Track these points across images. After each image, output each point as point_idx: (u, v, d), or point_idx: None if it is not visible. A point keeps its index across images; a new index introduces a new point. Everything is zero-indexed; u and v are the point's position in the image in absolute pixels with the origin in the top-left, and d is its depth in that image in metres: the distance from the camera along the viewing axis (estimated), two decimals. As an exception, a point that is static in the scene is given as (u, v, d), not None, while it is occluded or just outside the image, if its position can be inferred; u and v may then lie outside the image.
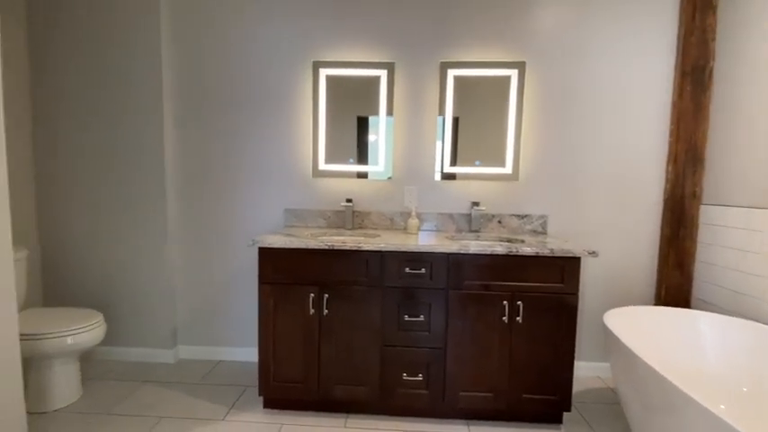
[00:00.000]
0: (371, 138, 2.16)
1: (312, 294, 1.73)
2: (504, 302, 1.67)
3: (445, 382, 1.72)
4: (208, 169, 2.26)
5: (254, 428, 1.71)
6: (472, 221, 2.13)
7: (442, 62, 2.09)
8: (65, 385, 1.85)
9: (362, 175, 2.18)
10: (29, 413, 1.55)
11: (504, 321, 1.68)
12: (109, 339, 2.21)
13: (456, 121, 2.12)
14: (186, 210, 2.29)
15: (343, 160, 2.17)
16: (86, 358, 2.29)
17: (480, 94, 2.10)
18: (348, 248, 1.69)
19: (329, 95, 2.14)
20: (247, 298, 2.30)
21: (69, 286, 2.31)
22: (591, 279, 2.19)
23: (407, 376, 1.73)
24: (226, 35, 2.18)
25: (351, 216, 2.15)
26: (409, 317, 1.72)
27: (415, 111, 2.16)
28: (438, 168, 2.16)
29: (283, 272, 1.73)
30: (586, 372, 2.22)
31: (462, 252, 1.67)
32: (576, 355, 2.02)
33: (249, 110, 2.21)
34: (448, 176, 2.15)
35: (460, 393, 1.72)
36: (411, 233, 2.03)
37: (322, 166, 2.18)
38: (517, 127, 2.08)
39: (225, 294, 2.32)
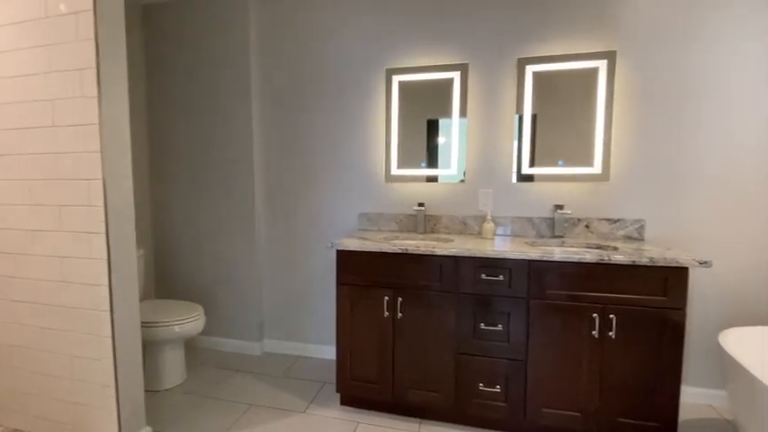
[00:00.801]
0: (441, 140, 2.13)
1: (386, 297, 1.75)
2: (594, 315, 1.53)
3: (526, 396, 1.63)
4: (290, 176, 2.42)
5: (332, 424, 1.78)
6: (555, 226, 1.98)
7: (519, 59, 1.99)
8: (173, 368, 2.11)
9: (432, 179, 2.16)
10: (145, 391, 1.79)
11: (593, 336, 1.54)
12: (207, 330, 2.48)
13: (534, 119, 2.00)
14: (272, 215, 2.48)
15: (415, 164, 2.17)
16: (189, 345, 2.59)
17: (562, 90, 1.95)
18: (421, 253, 1.69)
19: (401, 101, 2.17)
20: (326, 298, 2.41)
21: (175, 281, 2.64)
22: (698, 293, 1.90)
23: (484, 386, 1.67)
24: (306, 48, 2.32)
25: (423, 220, 2.14)
26: (486, 325, 1.66)
27: (490, 111, 2.08)
28: (515, 170, 2.05)
29: (359, 274, 1.79)
30: (695, 398, 1.94)
31: (545, 259, 1.56)
32: (683, 378, 1.77)
33: (326, 119, 2.32)
34: (525, 178, 2.04)
35: (543, 410, 1.61)
36: (486, 238, 1.96)
37: (394, 171, 2.20)
38: (607, 123, 1.90)
39: (305, 293, 2.46)
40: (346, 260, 1.80)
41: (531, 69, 1.98)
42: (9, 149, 1.57)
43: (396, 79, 2.16)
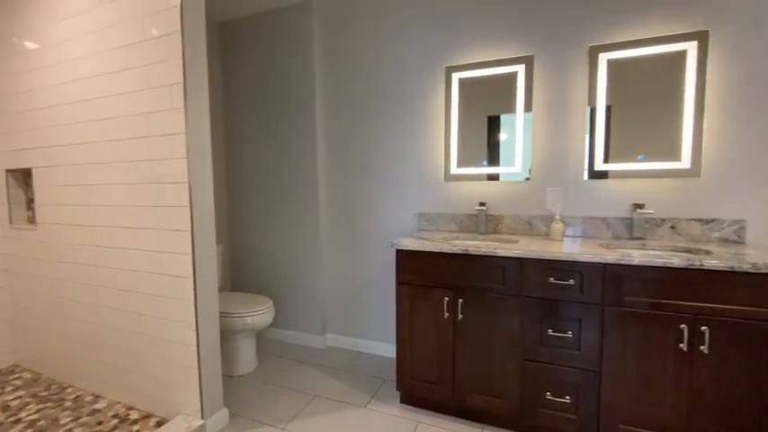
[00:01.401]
0: (503, 137, 2.05)
1: (446, 298, 1.73)
2: (683, 326, 1.37)
3: (600, 409, 1.51)
4: (351, 178, 2.49)
5: (392, 421, 1.80)
6: (634, 227, 1.82)
7: (591, 46, 1.85)
8: (245, 356, 2.28)
9: (494, 177, 2.09)
10: (222, 375, 1.96)
11: (681, 349, 1.38)
12: (275, 322, 2.65)
13: (609, 111, 1.85)
14: (334, 216, 2.58)
15: (475, 163, 2.12)
16: (259, 336, 2.78)
17: (642, 77, 1.78)
18: (483, 253, 1.64)
19: (461, 98, 2.13)
20: (385, 296, 2.45)
21: (248, 275, 2.85)
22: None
23: (552, 396, 1.58)
24: (365, 55, 2.37)
25: (484, 220, 2.08)
26: (554, 331, 1.57)
27: (558, 104, 1.96)
28: (586, 166, 1.91)
29: (419, 274, 1.79)
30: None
31: (623, 263, 1.43)
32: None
33: (385, 122, 2.36)
34: (598, 175, 1.89)
35: (620, 426, 1.48)
36: (554, 239, 1.85)
37: (454, 170, 2.17)
38: (698, 111, 1.69)
39: (365, 291, 2.52)
40: (406, 260, 1.81)
41: (605, 57, 1.83)
42: (115, 157, 1.81)
43: (456, 77, 2.12)
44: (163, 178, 1.68)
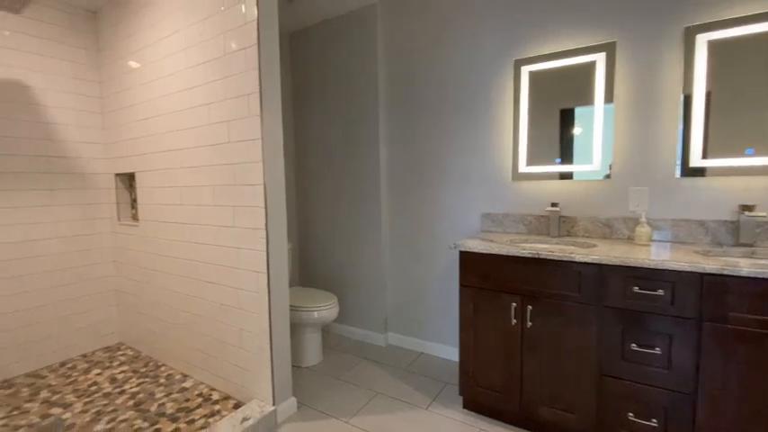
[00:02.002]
0: (578, 132, 1.90)
1: (514, 304, 1.66)
2: (806, 351, 1.16)
3: (694, 438, 1.34)
4: (414, 177, 2.49)
5: (454, 426, 1.77)
6: (741, 232, 1.58)
7: (687, 27, 1.64)
8: (312, 349, 2.40)
9: (566, 176, 1.94)
10: (291, 366, 2.07)
11: (804, 378, 1.17)
12: (339, 317, 2.74)
13: (708, 98, 1.62)
14: (396, 213, 2.60)
15: (546, 161, 1.99)
16: (325, 330, 2.90)
17: (752, 58, 1.53)
18: (556, 258, 1.54)
19: (531, 92, 2.01)
20: (448, 298, 2.42)
21: (314, 271, 2.99)
22: None
23: (635, 417, 1.44)
24: (429, 53, 2.35)
25: (557, 222, 1.95)
26: (638, 346, 1.42)
27: (644, 93, 1.77)
28: (678, 162, 1.70)
29: (484, 277, 1.73)
30: None
31: (727, 273, 1.25)
32: None
33: (449, 119, 2.31)
34: (694, 172, 1.67)
35: (720, 460, 1.30)
36: (639, 244, 1.68)
37: (523, 168, 2.06)
38: (829, 95, 1.42)
39: (428, 292, 2.50)
40: (470, 262, 1.76)
41: (704, 38, 1.61)
42: (201, 162, 2.00)
43: (525, 70, 2.02)
44: (242, 180, 1.82)
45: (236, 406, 1.93)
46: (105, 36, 2.52)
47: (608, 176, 1.86)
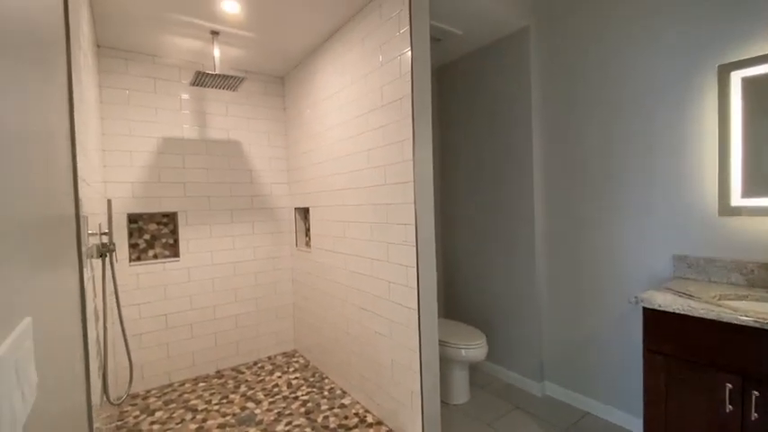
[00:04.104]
0: None
1: (729, 386, 1.26)
2: None
3: None
4: (573, 203, 2.21)
5: None
6: None
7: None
8: (459, 386, 2.34)
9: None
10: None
11: None
12: (489, 355, 2.60)
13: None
14: (554, 251, 2.34)
15: (777, 188, 1.48)
16: (473, 367, 2.81)
17: None
18: (806, 334, 1.11)
19: (745, 103, 1.55)
20: (623, 354, 2.03)
21: (460, 303, 2.94)
22: None
23: None
24: (595, 65, 2.08)
25: (799, 274, 1.42)
26: None
27: None
28: None
29: (680, 343, 1.38)
30: None
31: None
32: None
33: (622, 135, 1.98)
34: None
35: None
36: None
37: (737, 200, 1.59)
38: None
39: (595, 343, 2.16)
40: (659, 322, 1.43)
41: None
42: (361, 201, 2.22)
43: (736, 76, 1.57)
44: (395, 219, 1.94)
45: (388, 433, 2.02)
46: (289, 97, 3.10)
47: None
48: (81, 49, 1.33)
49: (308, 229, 3.11)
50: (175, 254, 2.75)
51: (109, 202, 1.59)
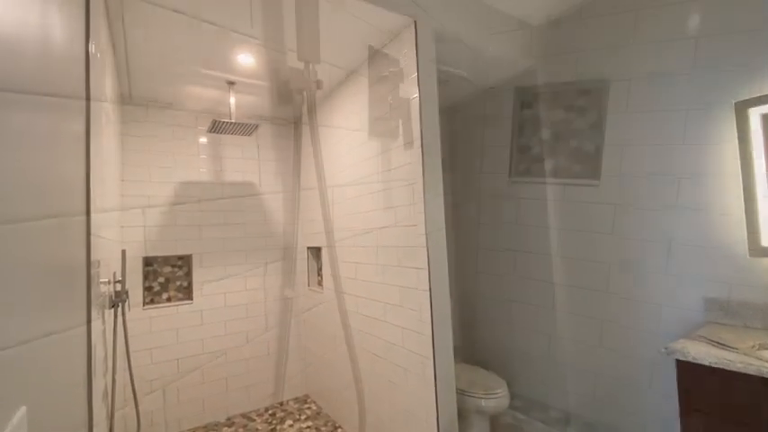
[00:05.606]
0: None
1: (783, 451, 1.14)
2: None
3: None
4: (590, 243, 2.13)
5: None
6: None
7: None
8: (480, 438, 2.19)
9: None
10: (460, 459, 1.92)
11: None
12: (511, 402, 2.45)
13: None
14: (573, 287, 2.24)
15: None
16: (494, 418, 2.64)
17: None
18: None
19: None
20: (661, 408, 1.87)
21: (475, 344, 2.81)
22: None
23: None
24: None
25: None
26: None
27: None
28: None
29: (722, 401, 1.26)
30: None
31: None
32: None
33: (644, 175, 1.93)
34: None
35: None
36: None
37: (766, 240, 1.50)
38: None
39: (628, 390, 2.00)
40: (695, 376, 1.32)
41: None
42: (370, 242, 2.19)
43: (756, 112, 1.53)
44: (407, 263, 1.90)
45: (404, 494, 1.88)
46: (300, 140, 3.17)
47: None
48: (103, 103, 1.40)
49: (319, 269, 3.08)
50: (189, 296, 2.75)
51: (123, 252, 1.61)
